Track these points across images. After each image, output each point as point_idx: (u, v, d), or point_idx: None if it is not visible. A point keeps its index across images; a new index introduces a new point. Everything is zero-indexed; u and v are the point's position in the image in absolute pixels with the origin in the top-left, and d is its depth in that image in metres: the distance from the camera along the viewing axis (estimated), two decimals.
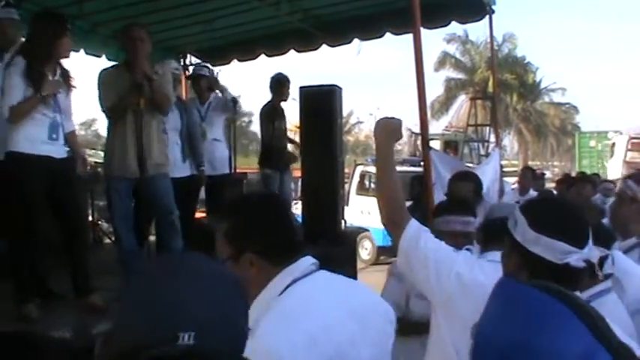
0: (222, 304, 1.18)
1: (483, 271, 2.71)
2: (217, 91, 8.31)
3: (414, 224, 2.82)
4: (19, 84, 4.94)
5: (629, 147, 25.50)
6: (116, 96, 5.77)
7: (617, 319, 2.07)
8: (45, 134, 5.12)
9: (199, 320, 1.13)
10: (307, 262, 2.18)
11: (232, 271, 1.23)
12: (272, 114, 8.85)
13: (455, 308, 2.72)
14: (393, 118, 3.01)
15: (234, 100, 8.12)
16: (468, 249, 3.11)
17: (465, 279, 2.70)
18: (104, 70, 6.08)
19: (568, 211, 2.31)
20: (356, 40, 9.86)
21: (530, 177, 11.49)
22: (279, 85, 8.85)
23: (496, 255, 2.92)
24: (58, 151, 5.27)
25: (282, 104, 9.04)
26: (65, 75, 5.32)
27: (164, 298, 1.14)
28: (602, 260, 2.65)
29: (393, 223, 2.88)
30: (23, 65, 4.98)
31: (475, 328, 1.45)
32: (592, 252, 2.18)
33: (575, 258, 2.12)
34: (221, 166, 8.09)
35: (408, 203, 3.89)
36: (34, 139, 5.04)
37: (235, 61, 10.75)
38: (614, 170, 23.46)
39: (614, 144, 27.45)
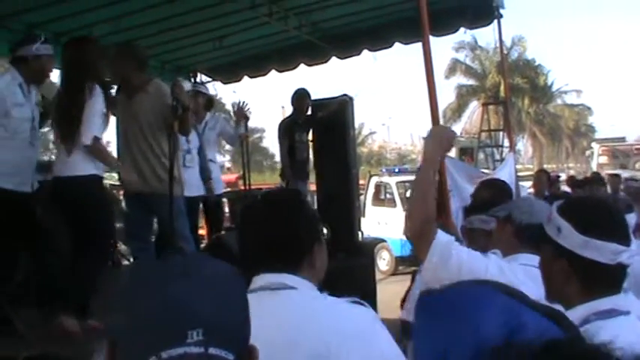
0: (226, 301, 1.19)
1: (516, 275, 2.68)
2: (234, 120, 8.35)
3: (442, 236, 2.75)
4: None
5: (600, 153, 31.50)
6: None
7: None
8: None
9: (205, 317, 1.14)
10: (269, 278, 2.11)
11: (233, 269, 1.23)
12: (292, 127, 8.85)
13: None
14: (448, 127, 2.98)
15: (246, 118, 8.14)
16: (494, 252, 3.07)
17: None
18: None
19: (609, 211, 2.27)
20: (365, 52, 9.87)
21: (544, 180, 11.44)
22: (300, 98, 8.85)
23: (527, 258, 2.90)
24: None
25: (303, 118, 9.01)
26: None
27: (168, 299, 1.15)
28: None
29: (420, 235, 2.79)
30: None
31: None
32: (636, 246, 2.18)
33: (626, 256, 2.10)
34: (216, 187, 8.10)
35: None
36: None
37: (246, 77, 10.77)
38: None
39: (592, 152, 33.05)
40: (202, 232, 8.84)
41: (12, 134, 5.40)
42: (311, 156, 9.20)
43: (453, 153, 23.71)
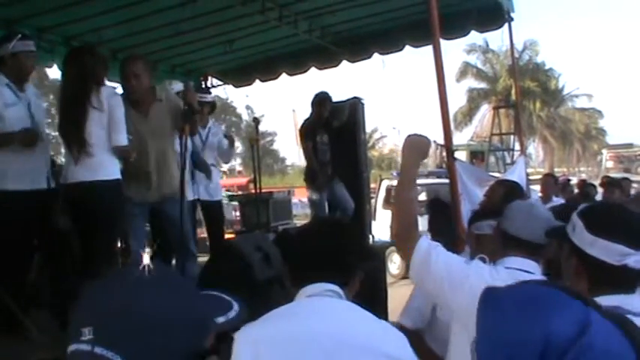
0: (130, 305, 1.20)
1: (494, 279, 2.68)
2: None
3: (424, 241, 2.81)
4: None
5: (607, 158, 35.54)
6: None
7: None
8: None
9: (98, 317, 1.18)
10: (322, 287, 2.44)
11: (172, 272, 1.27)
12: (315, 128, 8.85)
13: (471, 322, 2.68)
14: (422, 136, 3.02)
15: (231, 140, 8.20)
16: (481, 258, 3.07)
17: (478, 291, 2.67)
18: None
19: (625, 214, 2.33)
20: (376, 55, 9.86)
21: (552, 184, 11.40)
22: (321, 101, 8.83)
23: (513, 262, 2.93)
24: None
25: (324, 120, 8.96)
26: None
27: (83, 298, 1.23)
28: None
29: (402, 239, 2.90)
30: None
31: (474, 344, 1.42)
32: None
33: (634, 260, 2.14)
34: (215, 192, 8.09)
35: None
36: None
37: (257, 81, 10.78)
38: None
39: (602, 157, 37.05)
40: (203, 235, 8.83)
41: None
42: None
43: (463, 156, 23.75)
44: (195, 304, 1.32)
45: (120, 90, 6.03)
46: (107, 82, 5.86)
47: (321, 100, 8.85)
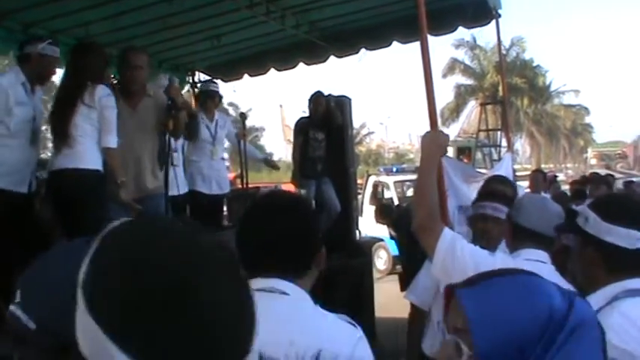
0: (47, 267, 1.29)
1: None
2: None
3: (448, 232, 2.86)
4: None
5: (591, 156, 40.49)
6: None
7: None
8: None
9: (24, 281, 1.27)
10: (267, 283, 2.08)
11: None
12: (307, 125, 8.90)
13: None
14: (441, 132, 3.09)
15: (243, 116, 8.17)
16: (504, 251, 3.13)
17: None
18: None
19: (631, 204, 2.52)
20: (363, 50, 9.86)
21: (540, 179, 11.54)
22: (315, 100, 8.84)
23: (530, 253, 2.98)
24: None
25: (320, 118, 8.96)
26: None
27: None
28: None
29: (426, 229, 2.92)
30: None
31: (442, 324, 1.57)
32: None
33: None
34: (225, 185, 8.12)
35: None
36: None
37: (246, 76, 10.77)
38: None
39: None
40: None
41: (13, 133, 5.44)
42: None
43: (450, 152, 23.77)
44: None
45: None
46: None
47: (315, 98, 8.86)
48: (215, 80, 9.14)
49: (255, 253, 2.09)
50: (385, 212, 10.81)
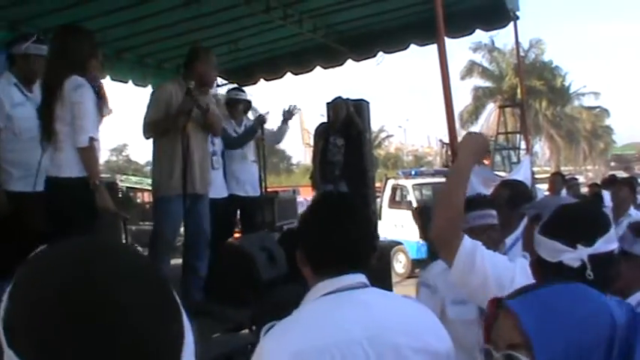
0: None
1: None
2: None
3: (467, 241, 2.77)
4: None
5: (610, 159, 41.86)
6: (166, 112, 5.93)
7: None
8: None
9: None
10: (352, 278, 2.19)
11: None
12: (327, 130, 8.89)
13: None
14: (480, 134, 3.01)
15: (262, 120, 8.16)
16: (524, 256, 3.07)
17: None
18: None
19: (572, 212, 2.44)
20: (380, 53, 9.84)
21: (560, 182, 11.48)
22: (335, 106, 8.86)
23: None
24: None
25: (340, 123, 8.95)
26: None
27: None
28: None
29: (447, 237, 2.83)
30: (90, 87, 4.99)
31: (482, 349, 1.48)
32: (584, 252, 2.22)
33: (569, 257, 2.21)
34: (257, 188, 8.13)
35: None
36: None
37: (262, 80, 10.77)
38: None
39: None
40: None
41: (20, 135, 5.34)
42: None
43: None
44: None
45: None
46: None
47: (335, 105, 8.87)
48: (241, 87, 9.12)
49: (339, 254, 2.21)
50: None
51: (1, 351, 0.89)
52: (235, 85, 9.65)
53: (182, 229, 6.46)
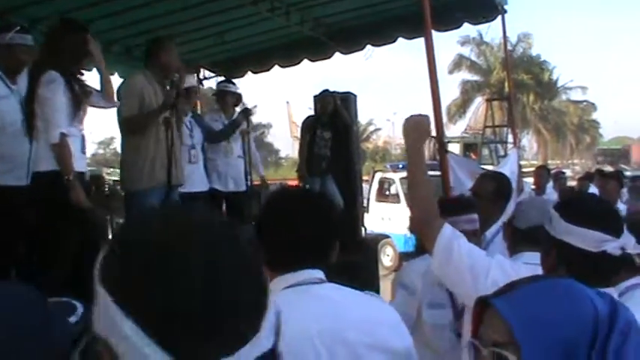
0: None
1: (519, 274, 2.67)
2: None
3: (447, 228, 2.76)
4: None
5: (597, 153, 43.00)
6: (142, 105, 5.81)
7: None
8: (79, 148, 5.14)
9: None
10: (309, 274, 2.15)
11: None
12: (315, 123, 8.87)
13: None
14: (420, 115, 2.97)
15: (247, 113, 8.12)
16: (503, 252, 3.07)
17: (500, 283, 2.65)
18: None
19: (598, 203, 2.45)
20: (369, 47, 9.82)
21: (545, 176, 11.54)
22: (322, 99, 8.81)
23: (531, 257, 2.89)
24: (84, 165, 5.31)
25: (327, 117, 8.91)
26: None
27: None
28: None
29: (424, 225, 2.83)
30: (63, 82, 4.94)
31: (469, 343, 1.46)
32: (628, 241, 2.24)
33: (612, 246, 2.20)
34: (242, 183, 8.07)
35: None
36: (73, 154, 4.99)
37: (249, 73, 10.75)
38: None
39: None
40: None
41: (4, 128, 5.22)
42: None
43: (457, 149, 23.76)
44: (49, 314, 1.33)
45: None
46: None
47: (322, 98, 8.84)
48: (231, 80, 9.07)
49: (295, 248, 2.15)
50: None
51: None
52: (224, 78, 9.61)
53: None
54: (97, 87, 5.46)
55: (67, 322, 1.34)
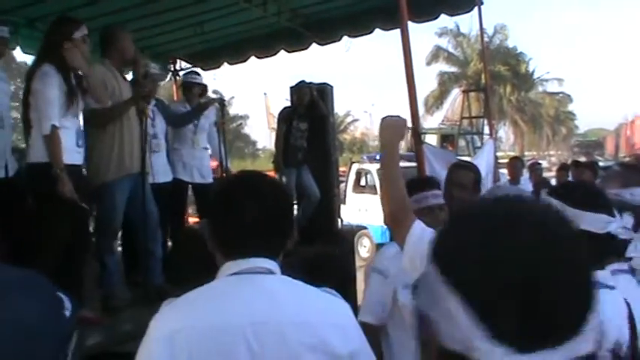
0: None
1: None
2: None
3: (418, 225, 2.78)
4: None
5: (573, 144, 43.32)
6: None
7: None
8: (74, 141, 5.11)
9: None
10: (255, 262, 2.09)
11: None
12: (291, 114, 8.82)
13: None
14: (398, 117, 3.01)
15: (222, 104, 8.09)
16: None
17: None
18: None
19: (594, 188, 2.65)
20: (345, 38, 9.81)
21: (519, 167, 11.69)
22: (299, 90, 8.78)
23: None
24: (81, 158, 5.28)
25: (304, 108, 8.88)
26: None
27: None
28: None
29: (397, 220, 2.85)
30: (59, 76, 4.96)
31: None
32: (627, 222, 2.51)
33: (614, 227, 2.38)
34: (208, 174, 8.03)
35: None
36: (66, 147, 4.97)
37: (225, 64, 10.71)
38: None
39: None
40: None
41: None
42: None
43: (434, 140, 23.85)
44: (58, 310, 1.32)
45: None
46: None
47: (298, 89, 8.82)
48: (197, 71, 9.02)
49: (240, 234, 2.09)
50: None
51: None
52: (191, 69, 9.57)
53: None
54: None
55: (63, 315, 1.33)
